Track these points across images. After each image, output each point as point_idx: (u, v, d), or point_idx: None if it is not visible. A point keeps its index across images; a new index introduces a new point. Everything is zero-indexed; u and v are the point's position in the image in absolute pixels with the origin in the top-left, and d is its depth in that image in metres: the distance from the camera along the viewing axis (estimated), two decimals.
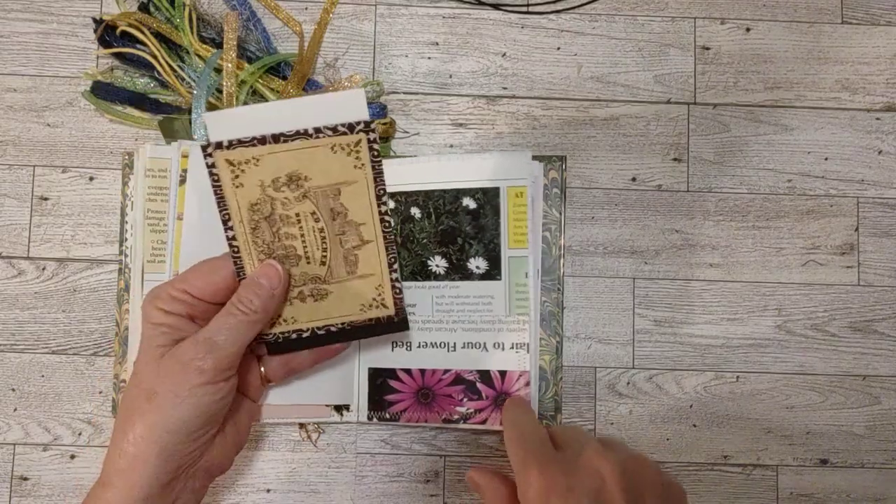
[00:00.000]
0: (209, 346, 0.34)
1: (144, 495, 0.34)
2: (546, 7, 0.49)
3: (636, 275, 0.48)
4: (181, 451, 0.35)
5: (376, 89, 0.47)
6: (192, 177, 0.43)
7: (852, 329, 0.48)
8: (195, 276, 0.36)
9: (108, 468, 0.34)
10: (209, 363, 0.34)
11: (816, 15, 0.49)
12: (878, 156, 0.49)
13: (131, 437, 0.34)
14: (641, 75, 0.49)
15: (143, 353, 0.35)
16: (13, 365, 0.46)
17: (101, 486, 0.34)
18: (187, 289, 0.35)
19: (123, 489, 0.34)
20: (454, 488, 0.46)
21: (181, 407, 0.34)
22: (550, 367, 0.45)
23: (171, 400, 0.34)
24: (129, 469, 0.34)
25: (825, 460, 0.47)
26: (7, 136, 0.47)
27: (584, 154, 0.48)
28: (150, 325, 0.35)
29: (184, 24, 0.46)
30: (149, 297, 0.36)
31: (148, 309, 0.36)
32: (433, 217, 0.44)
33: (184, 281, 0.36)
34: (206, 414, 0.35)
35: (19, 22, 0.48)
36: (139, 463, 0.34)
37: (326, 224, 0.36)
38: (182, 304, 0.35)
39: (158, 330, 0.35)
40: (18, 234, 0.47)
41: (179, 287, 0.35)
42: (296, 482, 0.46)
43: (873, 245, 0.48)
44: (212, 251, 0.38)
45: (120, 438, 0.34)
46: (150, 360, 0.35)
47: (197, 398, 0.34)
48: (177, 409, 0.34)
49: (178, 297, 0.35)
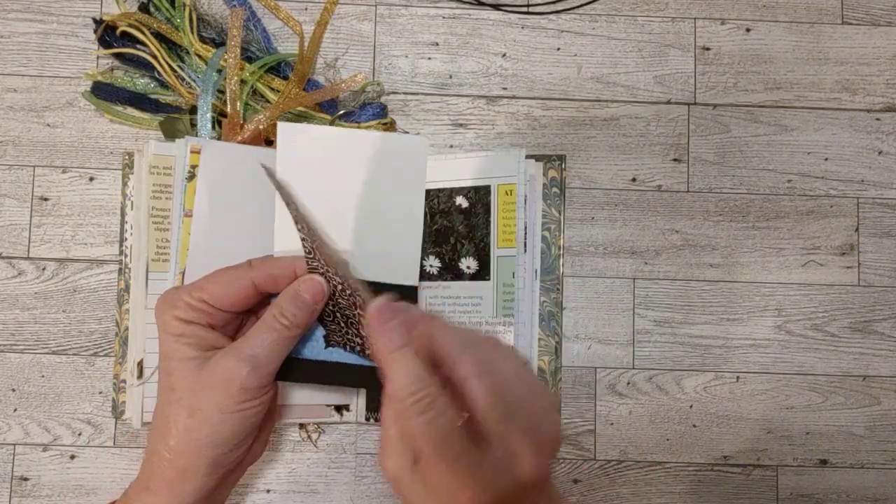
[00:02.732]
0: (253, 362, 0.34)
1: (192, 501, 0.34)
2: (546, 7, 0.49)
3: (636, 275, 0.48)
4: (228, 460, 0.35)
5: (376, 89, 0.47)
6: (204, 172, 0.42)
7: (852, 329, 0.48)
8: (214, 286, 0.35)
9: (152, 474, 0.34)
10: (254, 381, 0.34)
11: (816, 15, 0.49)
12: (878, 156, 0.49)
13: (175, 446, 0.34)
14: (641, 76, 0.49)
15: (174, 363, 0.35)
16: (13, 365, 0.46)
17: (144, 491, 0.35)
18: (206, 298, 0.35)
19: (170, 497, 0.34)
20: None
21: (228, 423, 0.34)
22: (549, 368, 0.45)
23: (218, 416, 0.34)
24: (178, 480, 0.34)
25: (825, 460, 0.47)
26: (7, 136, 0.47)
27: (584, 154, 0.48)
28: (171, 336, 0.35)
29: (184, 24, 0.46)
30: (163, 304, 0.35)
31: (165, 318, 0.35)
32: (428, 217, 0.44)
33: (201, 290, 0.35)
34: (251, 426, 0.35)
35: (19, 22, 0.48)
36: (189, 475, 0.34)
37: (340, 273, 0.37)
38: (201, 314, 0.35)
39: (183, 341, 0.34)
40: (18, 235, 0.47)
41: (197, 296, 0.35)
42: (296, 482, 0.46)
43: (873, 245, 0.48)
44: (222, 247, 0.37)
45: (161, 447, 0.34)
46: (185, 372, 0.34)
47: (243, 413, 0.34)
48: (224, 424, 0.34)
49: (197, 307, 0.35)
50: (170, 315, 0.35)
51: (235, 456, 0.35)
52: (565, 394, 0.47)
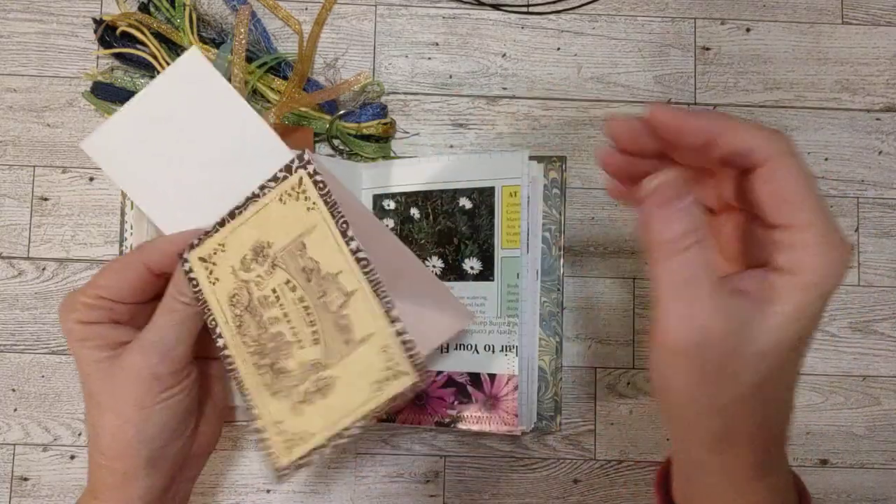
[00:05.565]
0: (159, 349, 0.32)
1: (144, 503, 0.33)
2: (546, 7, 0.49)
3: (636, 275, 0.48)
4: (169, 454, 0.34)
5: (376, 89, 0.47)
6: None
7: (852, 329, 0.48)
8: (106, 278, 0.33)
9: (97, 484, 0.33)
10: (164, 368, 0.32)
11: (816, 15, 0.49)
12: (878, 156, 0.49)
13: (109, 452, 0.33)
14: (641, 76, 0.49)
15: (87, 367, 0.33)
16: (13, 365, 0.46)
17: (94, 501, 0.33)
18: (102, 293, 0.33)
19: None
20: (454, 488, 0.46)
21: (152, 417, 0.32)
22: (550, 368, 0.45)
23: (139, 413, 0.32)
24: (122, 485, 0.33)
25: (825, 460, 0.47)
26: (7, 136, 0.47)
27: (585, 154, 0.48)
28: (77, 342, 0.32)
29: (184, 24, 0.46)
30: (63, 310, 0.33)
31: (67, 324, 0.33)
32: (431, 217, 0.44)
33: (95, 286, 0.33)
34: (179, 413, 0.33)
35: (19, 22, 0.48)
36: (130, 478, 0.33)
37: (304, 289, 0.31)
38: (101, 312, 0.33)
39: (88, 345, 0.32)
40: (18, 235, 0.47)
41: (92, 293, 0.33)
42: (296, 482, 0.46)
43: (873, 245, 0.48)
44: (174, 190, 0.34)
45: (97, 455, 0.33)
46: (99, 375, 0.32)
47: (163, 403, 0.33)
48: (148, 420, 0.32)
49: (95, 305, 0.33)
50: (70, 320, 0.32)
51: (176, 448, 0.34)
52: (565, 394, 0.47)
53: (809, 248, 0.24)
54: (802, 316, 0.24)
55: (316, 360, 0.31)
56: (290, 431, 0.32)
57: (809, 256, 0.24)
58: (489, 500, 0.47)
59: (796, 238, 0.25)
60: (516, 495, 0.47)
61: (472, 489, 0.47)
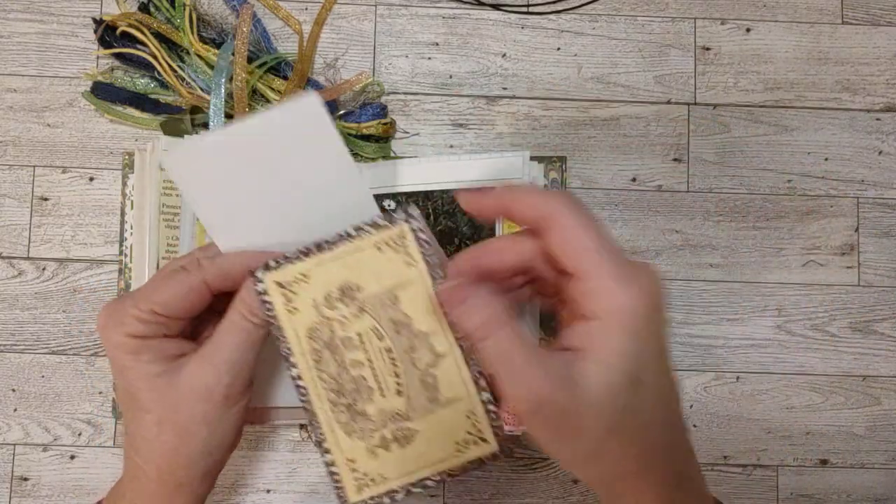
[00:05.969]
0: (228, 368, 0.32)
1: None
2: (546, 7, 0.49)
3: None
4: (222, 463, 0.34)
5: (376, 89, 0.47)
6: None
7: (852, 329, 0.48)
8: (161, 293, 0.32)
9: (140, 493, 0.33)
10: (235, 388, 0.32)
11: (816, 15, 0.49)
12: (878, 156, 0.49)
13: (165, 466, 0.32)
14: (641, 76, 0.49)
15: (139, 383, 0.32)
16: (13, 365, 0.46)
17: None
18: (156, 309, 0.31)
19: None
20: (454, 489, 0.46)
21: (217, 432, 0.32)
22: None
23: (206, 428, 0.32)
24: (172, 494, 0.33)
25: (825, 460, 0.47)
26: (7, 136, 0.47)
27: (585, 154, 0.48)
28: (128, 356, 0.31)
29: (184, 24, 0.46)
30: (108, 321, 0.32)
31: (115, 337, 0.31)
32: (432, 218, 0.44)
33: (149, 301, 0.31)
34: (238, 425, 0.34)
35: (19, 22, 0.48)
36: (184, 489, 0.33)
37: (392, 340, 0.32)
38: (154, 326, 0.32)
39: (142, 359, 0.31)
40: (18, 235, 0.47)
41: (146, 308, 0.31)
42: (296, 482, 0.46)
43: (873, 245, 0.48)
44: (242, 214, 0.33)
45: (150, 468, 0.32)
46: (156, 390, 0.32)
47: (229, 419, 0.33)
48: (213, 434, 0.32)
49: (148, 319, 0.31)
50: (119, 333, 0.31)
51: (227, 457, 0.35)
52: None
53: (604, 291, 0.26)
54: (622, 357, 0.25)
55: (397, 411, 0.32)
56: (361, 471, 0.32)
57: (606, 299, 0.26)
58: (489, 500, 0.47)
59: (591, 285, 0.26)
60: (516, 495, 0.47)
61: (471, 489, 0.47)
